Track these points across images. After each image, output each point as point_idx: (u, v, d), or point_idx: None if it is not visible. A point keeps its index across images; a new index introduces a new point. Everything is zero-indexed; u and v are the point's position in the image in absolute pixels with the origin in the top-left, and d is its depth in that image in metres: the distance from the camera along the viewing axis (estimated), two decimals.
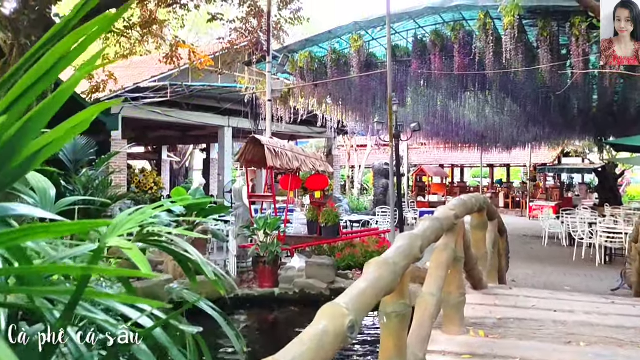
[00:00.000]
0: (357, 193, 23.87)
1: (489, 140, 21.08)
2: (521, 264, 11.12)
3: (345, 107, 13.19)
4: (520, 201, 27.43)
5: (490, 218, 4.99)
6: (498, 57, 9.39)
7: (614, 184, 23.90)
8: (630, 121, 14.97)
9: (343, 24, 10.21)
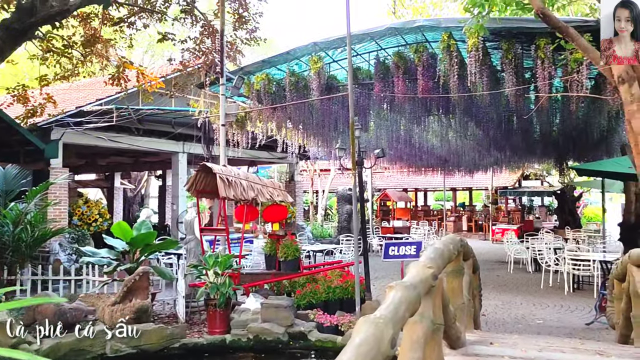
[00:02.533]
0: (321, 219, 23.23)
1: (452, 164, 21.00)
2: (489, 293, 10.71)
3: (306, 131, 12.65)
4: (483, 224, 27.41)
5: (465, 258, 4.46)
6: (462, 80, 9.06)
7: (572, 207, 24.14)
8: (591, 145, 14.96)
9: (301, 44, 9.71)
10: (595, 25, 8.24)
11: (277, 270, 8.52)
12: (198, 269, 7.07)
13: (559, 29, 7.16)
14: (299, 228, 16.60)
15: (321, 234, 18.61)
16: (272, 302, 6.70)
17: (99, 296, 7.50)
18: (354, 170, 7.53)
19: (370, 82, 10.41)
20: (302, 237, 14.72)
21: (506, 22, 8.49)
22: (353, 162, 7.53)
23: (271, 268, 8.64)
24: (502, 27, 8.51)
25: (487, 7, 7.80)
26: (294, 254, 8.41)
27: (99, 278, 8.47)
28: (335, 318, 6.85)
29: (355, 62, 10.59)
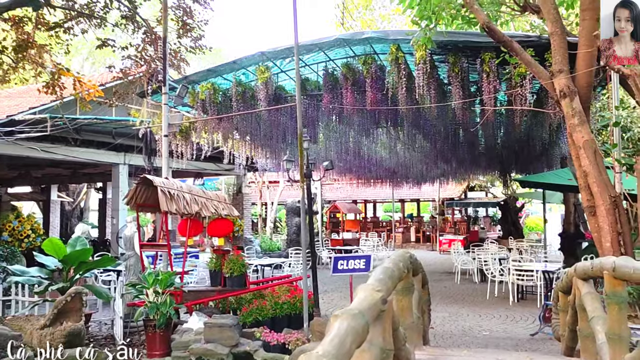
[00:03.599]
0: (270, 232, 22.87)
1: (400, 176, 21.20)
2: (437, 305, 10.73)
3: (254, 142, 12.39)
4: (430, 235, 27.80)
5: (415, 273, 4.35)
6: (410, 92, 9.08)
7: (515, 217, 24.83)
8: (533, 157, 15.41)
9: (249, 54, 9.48)
10: (537, 40, 8.46)
11: (223, 287, 8.19)
12: (136, 288, 6.66)
13: (503, 43, 7.28)
14: (247, 241, 16.23)
15: (270, 247, 18.29)
16: (215, 322, 6.38)
17: (28, 318, 6.96)
18: (302, 182, 7.35)
19: (319, 93, 10.29)
20: (250, 251, 14.38)
21: (453, 35, 8.58)
22: (301, 174, 7.35)
23: (216, 284, 8.30)
24: (449, 41, 8.59)
25: (434, 20, 7.86)
26: (240, 270, 8.12)
27: (29, 299, 7.90)
28: (282, 336, 6.60)
29: (303, 72, 10.46)
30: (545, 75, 6.99)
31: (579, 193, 8.18)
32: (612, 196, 6.38)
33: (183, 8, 10.32)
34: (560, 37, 6.89)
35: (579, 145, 6.60)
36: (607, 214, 6.35)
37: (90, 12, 10.09)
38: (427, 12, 7.54)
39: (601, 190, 6.40)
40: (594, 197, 6.50)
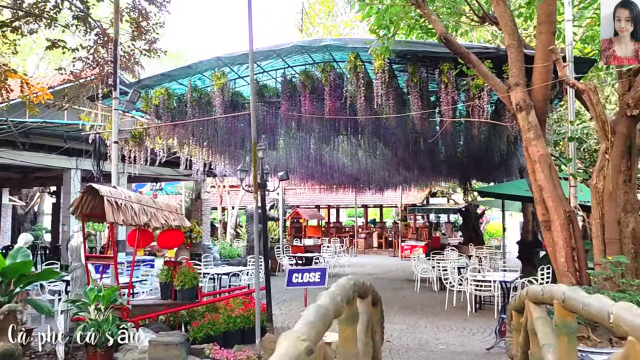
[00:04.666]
0: (230, 238, 22.43)
1: (363, 182, 21.15)
2: (395, 316, 10.65)
3: (211, 149, 12.06)
4: (392, 241, 27.88)
5: (363, 296, 4.17)
6: (369, 101, 8.97)
7: (475, 223, 25.13)
8: (492, 166, 15.54)
9: (205, 58, 9.19)
10: (495, 52, 8.46)
11: (173, 300, 7.87)
12: (76, 305, 6.29)
13: (460, 55, 7.23)
14: (205, 249, 15.83)
15: (230, 253, 17.92)
16: (161, 339, 6.08)
17: None
18: (255, 193, 7.11)
19: (277, 100, 10.08)
20: (207, 259, 14.00)
21: (411, 45, 8.51)
22: (255, 184, 7.12)
23: (167, 297, 7.97)
24: (408, 50, 8.52)
25: (393, 29, 7.76)
26: (192, 282, 7.81)
27: None
28: (233, 353, 6.35)
29: (261, 79, 10.24)
30: (502, 88, 6.97)
31: None
32: (566, 211, 6.38)
33: (138, 10, 9.95)
34: (517, 50, 6.88)
35: (534, 160, 6.59)
36: (561, 229, 6.34)
37: (40, 12, 9.62)
38: (385, 21, 7.43)
39: (556, 205, 6.39)
40: (549, 212, 6.49)
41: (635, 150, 6.47)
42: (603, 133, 6.09)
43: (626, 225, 6.32)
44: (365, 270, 19.81)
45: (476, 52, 7.48)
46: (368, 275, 18.33)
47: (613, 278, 5.26)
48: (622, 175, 6.25)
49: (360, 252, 27.58)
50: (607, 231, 6.07)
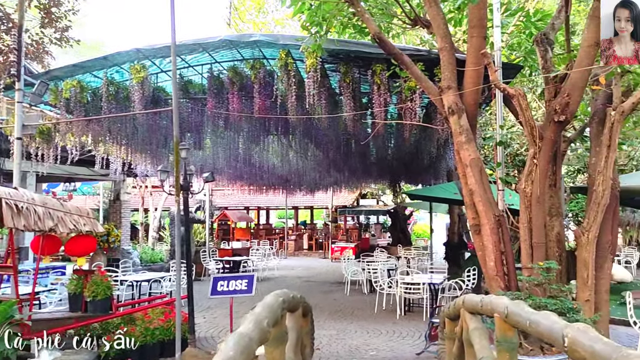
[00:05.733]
0: (152, 242, 21.37)
1: (294, 183, 20.88)
2: (326, 321, 10.41)
3: (131, 147, 11.30)
4: (323, 242, 27.79)
5: (293, 310, 3.85)
6: (300, 101, 8.66)
7: (404, 224, 25.55)
8: (421, 169, 15.71)
9: (123, 49, 8.51)
10: (427, 55, 8.39)
11: (83, 313, 7.18)
12: None
13: (394, 56, 7.07)
14: (124, 253, 14.92)
15: (152, 258, 17.02)
16: (67, 358, 5.45)
17: None
18: (177, 196, 6.60)
19: (203, 96, 9.55)
20: (126, 265, 13.16)
21: (344, 44, 8.28)
22: (177, 186, 6.61)
23: (76, 310, 7.27)
24: (340, 50, 8.28)
25: (325, 26, 7.49)
26: (105, 292, 7.17)
27: None
28: None
29: (186, 74, 9.68)
30: (435, 90, 6.87)
31: (464, 206, 8.23)
32: (496, 215, 6.35)
33: None
34: (449, 53, 6.80)
35: (465, 164, 6.52)
36: (491, 233, 6.30)
37: None
38: (318, 18, 7.15)
39: (486, 209, 6.35)
40: (479, 216, 6.44)
41: (560, 156, 6.55)
42: (532, 138, 6.10)
43: (552, 229, 6.38)
44: (295, 273, 19.52)
45: (409, 54, 7.35)
46: (297, 278, 18.05)
47: (544, 284, 5.23)
48: (549, 180, 6.29)
49: (290, 254, 27.27)
50: (534, 235, 6.08)
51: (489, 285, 6.56)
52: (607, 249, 6.19)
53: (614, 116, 5.74)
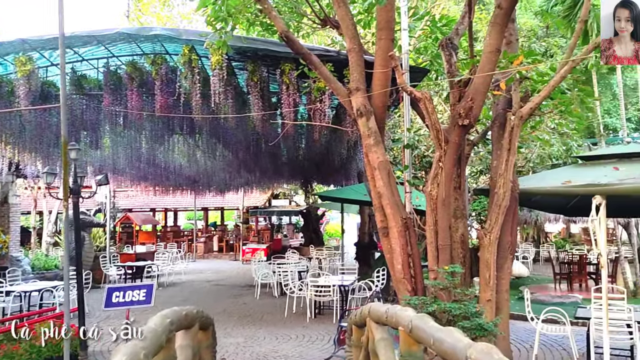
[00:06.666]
0: (45, 247, 19.78)
1: (203, 184, 20.21)
2: (234, 328, 10.07)
3: (18, 146, 10.29)
4: (234, 244, 27.26)
5: (188, 327, 3.53)
6: (206, 99, 8.27)
7: (316, 225, 25.63)
8: (332, 169, 15.71)
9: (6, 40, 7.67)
10: (336, 56, 8.30)
11: None
12: None
13: (302, 55, 6.89)
14: (13, 261, 13.64)
15: (45, 265, 15.71)
16: None
17: None
18: (65, 200, 6.01)
19: (99, 92, 8.86)
20: (14, 274, 12.01)
21: (252, 42, 8.02)
22: (65, 190, 6.01)
23: None
24: (248, 47, 8.00)
25: (231, 23, 7.17)
26: None
27: None
28: None
29: (80, 68, 8.95)
30: (343, 92, 6.77)
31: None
32: (403, 218, 6.36)
33: None
34: (358, 55, 6.73)
35: (374, 166, 6.48)
36: (399, 235, 6.30)
37: None
38: (223, 14, 6.82)
39: (394, 212, 6.34)
40: (387, 219, 6.42)
41: (464, 158, 6.68)
42: (437, 141, 6.16)
43: (456, 231, 6.48)
44: (204, 277, 18.93)
45: (318, 54, 7.22)
46: (206, 282, 17.50)
47: (448, 288, 5.26)
48: (454, 182, 6.39)
49: (199, 256, 26.48)
50: (440, 237, 6.14)
51: (396, 287, 6.57)
52: (508, 249, 6.40)
53: (514, 121, 5.92)
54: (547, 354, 7.90)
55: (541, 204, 8.65)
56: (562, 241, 23.65)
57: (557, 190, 6.30)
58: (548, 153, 12.57)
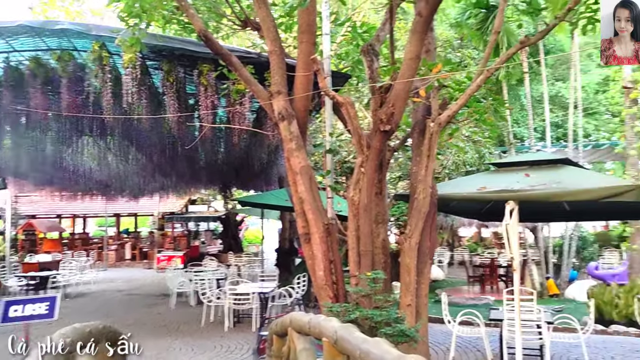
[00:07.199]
0: None
1: (115, 189, 19.17)
2: (147, 339, 9.53)
3: None
4: (148, 252, 26.20)
5: (94, 345, 3.23)
6: (118, 99, 7.81)
7: (235, 231, 25.21)
8: (252, 174, 15.46)
9: None
10: (257, 58, 8.12)
11: None
12: None
13: (221, 56, 6.66)
14: None
15: None
16: None
17: None
18: None
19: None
20: None
21: (168, 40, 7.67)
22: None
23: None
24: (164, 46, 7.65)
25: (145, 19, 6.81)
26: None
27: None
28: None
29: None
30: (264, 95, 6.62)
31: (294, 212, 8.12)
32: (325, 224, 6.29)
33: None
34: (279, 57, 6.61)
35: (295, 171, 6.37)
36: (320, 241, 6.23)
37: None
38: (137, 9, 6.45)
39: (315, 217, 6.26)
40: (309, 225, 6.33)
41: (385, 164, 6.74)
42: (359, 146, 6.15)
43: (377, 236, 6.52)
44: (115, 286, 17.98)
45: (238, 55, 7.02)
46: (118, 292, 16.62)
47: (370, 294, 5.24)
48: (375, 188, 6.41)
49: (111, 265, 25.18)
50: (362, 243, 6.13)
51: (318, 294, 6.48)
52: (427, 254, 6.51)
53: (433, 127, 6.03)
54: (463, 356, 8.12)
55: (458, 209, 8.93)
56: (474, 245, 24.79)
57: (473, 196, 6.49)
58: (463, 160, 13.08)
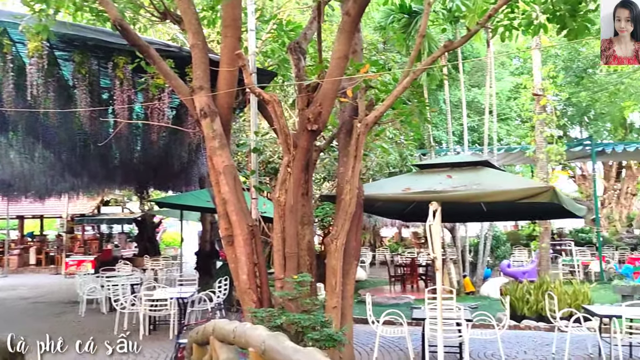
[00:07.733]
0: None
1: (18, 189, 17.79)
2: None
3: None
4: (55, 256, 24.61)
5: None
6: (22, 92, 7.16)
7: (152, 233, 24.29)
8: (172, 174, 14.87)
9: None
10: (177, 52, 7.72)
11: None
12: None
13: (139, 48, 6.24)
14: None
15: None
16: None
17: None
18: None
19: None
20: None
21: (79, 29, 7.14)
22: None
23: None
24: (75, 35, 7.09)
25: (54, 5, 6.27)
26: None
27: None
28: None
29: None
30: (186, 90, 6.28)
31: (217, 214, 7.81)
32: (249, 225, 6.06)
33: None
34: (201, 51, 6.29)
35: (219, 171, 6.09)
36: (244, 244, 5.98)
37: None
38: None
39: (239, 219, 6.01)
40: (232, 226, 6.07)
41: (312, 164, 6.61)
42: (286, 146, 5.99)
43: (303, 238, 6.37)
44: (18, 294, 16.69)
45: (157, 48, 6.63)
46: (21, 299, 15.43)
47: (297, 298, 5.08)
48: (301, 189, 6.26)
49: (13, 271, 23.44)
50: (287, 245, 5.97)
51: (241, 298, 6.24)
52: (353, 255, 6.45)
53: (360, 128, 5.98)
54: (387, 356, 8.17)
55: (382, 210, 9.00)
56: (395, 245, 25.37)
57: (398, 197, 6.52)
58: (386, 161, 13.28)
